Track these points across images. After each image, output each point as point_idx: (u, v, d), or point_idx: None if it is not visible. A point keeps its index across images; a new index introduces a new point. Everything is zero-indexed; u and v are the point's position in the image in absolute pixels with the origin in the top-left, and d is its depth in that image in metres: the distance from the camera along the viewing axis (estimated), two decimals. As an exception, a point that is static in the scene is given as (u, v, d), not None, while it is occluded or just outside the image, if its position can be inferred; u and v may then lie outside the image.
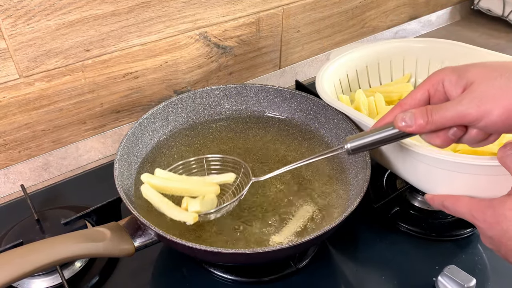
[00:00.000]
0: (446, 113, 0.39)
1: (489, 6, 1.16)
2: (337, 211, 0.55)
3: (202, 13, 0.72)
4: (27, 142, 0.67)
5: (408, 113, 0.41)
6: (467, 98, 0.39)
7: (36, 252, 0.44)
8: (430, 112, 0.40)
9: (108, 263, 0.56)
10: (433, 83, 0.42)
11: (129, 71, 0.70)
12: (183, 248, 0.45)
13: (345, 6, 0.92)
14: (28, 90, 0.62)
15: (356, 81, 0.71)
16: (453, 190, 0.47)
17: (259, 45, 0.83)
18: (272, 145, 0.65)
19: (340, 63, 0.67)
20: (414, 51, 0.71)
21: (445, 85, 0.42)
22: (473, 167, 0.44)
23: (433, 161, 0.47)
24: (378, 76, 0.73)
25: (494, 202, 0.40)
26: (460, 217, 0.45)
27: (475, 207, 0.42)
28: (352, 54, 0.69)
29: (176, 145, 0.64)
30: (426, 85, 0.43)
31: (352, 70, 0.70)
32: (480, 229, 0.42)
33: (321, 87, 0.61)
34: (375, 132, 0.45)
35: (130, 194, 0.55)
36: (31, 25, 0.58)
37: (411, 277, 0.55)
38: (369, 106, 0.64)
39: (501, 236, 0.39)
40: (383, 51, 0.71)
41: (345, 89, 0.70)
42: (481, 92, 0.38)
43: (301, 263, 0.56)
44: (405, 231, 0.61)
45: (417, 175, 0.52)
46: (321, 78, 0.63)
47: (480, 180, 0.46)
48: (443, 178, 0.48)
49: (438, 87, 0.42)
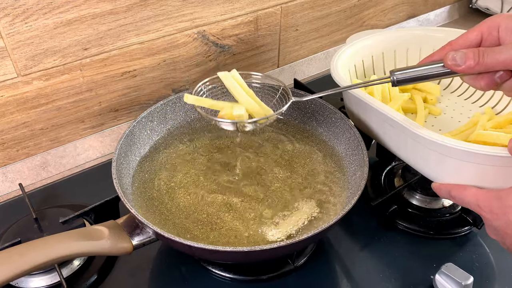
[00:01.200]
0: (499, 56, 0.40)
1: (487, 5, 1.16)
2: (335, 209, 0.55)
3: (200, 12, 0.72)
4: (25, 141, 0.67)
5: (460, 52, 0.42)
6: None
7: (34, 251, 0.44)
8: (482, 53, 0.41)
9: (106, 262, 0.56)
10: (489, 26, 0.43)
11: (127, 70, 0.70)
12: (181, 246, 0.45)
13: (343, 4, 0.92)
14: (26, 88, 0.62)
15: (371, 67, 0.70)
16: (461, 180, 0.47)
17: (257, 44, 0.83)
18: (270, 142, 0.65)
19: (357, 49, 0.67)
20: (432, 40, 0.69)
21: (500, 30, 0.42)
22: (483, 156, 0.44)
23: (443, 149, 0.47)
24: (394, 64, 0.72)
25: (501, 193, 0.40)
26: (466, 207, 0.45)
27: (481, 198, 0.42)
28: (369, 40, 0.68)
29: (174, 143, 0.64)
30: (481, 28, 0.44)
31: (368, 56, 0.69)
32: (485, 219, 0.42)
33: (336, 71, 0.60)
34: (423, 67, 0.45)
35: (128, 193, 0.55)
36: (29, 24, 0.58)
37: (409, 275, 0.56)
38: (383, 92, 0.64)
39: (506, 227, 0.39)
40: (401, 39, 0.70)
41: (360, 75, 0.69)
42: None
43: (299, 261, 0.56)
44: (403, 229, 0.61)
45: (426, 163, 0.52)
46: (336, 62, 0.62)
47: (489, 170, 0.46)
48: (452, 167, 0.48)
49: (492, 31, 0.43)
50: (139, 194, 0.57)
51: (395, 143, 0.55)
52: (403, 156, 0.55)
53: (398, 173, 0.68)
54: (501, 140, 0.51)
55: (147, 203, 0.56)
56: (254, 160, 0.62)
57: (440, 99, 0.68)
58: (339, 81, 0.58)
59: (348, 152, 0.60)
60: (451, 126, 0.63)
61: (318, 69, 0.97)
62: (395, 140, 0.55)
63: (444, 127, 0.63)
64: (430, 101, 0.66)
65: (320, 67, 0.97)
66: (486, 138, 0.52)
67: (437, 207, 0.63)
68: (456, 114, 0.65)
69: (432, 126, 0.63)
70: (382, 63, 0.71)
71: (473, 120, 0.60)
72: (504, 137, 0.51)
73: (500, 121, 0.57)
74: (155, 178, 0.59)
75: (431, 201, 0.63)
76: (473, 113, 0.65)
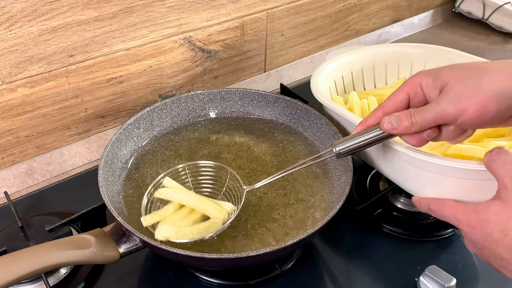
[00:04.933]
0: (428, 115, 0.42)
1: (469, 9, 1.18)
2: (320, 214, 0.56)
3: (186, 18, 0.72)
4: (10, 149, 0.66)
5: (393, 116, 0.44)
6: (444, 99, 0.41)
7: (20, 260, 0.44)
8: (413, 114, 0.43)
9: (93, 269, 0.56)
10: (412, 86, 0.45)
11: (114, 76, 0.70)
12: (168, 254, 0.46)
13: (328, 9, 0.93)
14: (11, 96, 0.62)
15: (351, 83, 0.72)
16: (440, 193, 0.48)
17: (244, 49, 0.84)
18: (257, 149, 0.66)
19: (336, 65, 0.68)
20: (410, 56, 0.71)
21: (423, 87, 0.44)
22: (460, 170, 0.45)
23: (421, 163, 0.48)
24: (373, 79, 0.73)
25: (478, 206, 0.41)
26: (445, 220, 0.46)
27: (460, 211, 0.43)
28: (348, 56, 0.70)
29: (160, 150, 0.65)
30: (405, 88, 0.45)
31: (347, 72, 0.71)
32: (464, 233, 0.43)
33: (316, 87, 0.62)
34: (361, 135, 0.47)
35: (115, 200, 0.55)
36: (13, 31, 0.58)
37: (394, 278, 0.57)
38: (362, 108, 0.65)
39: (484, 240, 0.40)
40: (379, 55, 0.72)
41: (340, 91, 0.70)
42: (455, 92, 0.41)
43: (286, 266, 0.56)
44: (388, 232, 0.62)
45: (406, 177, 0.53)
46: (316, 78, 0.63)
47: (467, 184, 0.47)
48: (430, 180, 0.49)
49: (417, 90, 0.45)
50: (125, 201, 0.57)
51: (376, 158, 0.56)
52: (384, 170, 0.56)
53: (383, 176, 0.69)
54: (477, 153, 0.52)
55: (133, 210, 0.56)
56: (241, 168, 0.63)
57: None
58: (319, 96, 0.60)
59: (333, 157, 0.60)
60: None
61: (304, 74, 0.98)
62: (376, 155, 0.56)
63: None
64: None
65: (306, 71, 0.98)
66: (463, 152, 0.53)
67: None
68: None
69: None
70: (361, 79, 0.73)
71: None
72: (480, 151, 0.52)
73: (477, 135, 0.58)
74: (142, 185, 0.59)
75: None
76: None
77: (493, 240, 0.39)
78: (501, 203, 0.39)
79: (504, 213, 0.39)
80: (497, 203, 0.40)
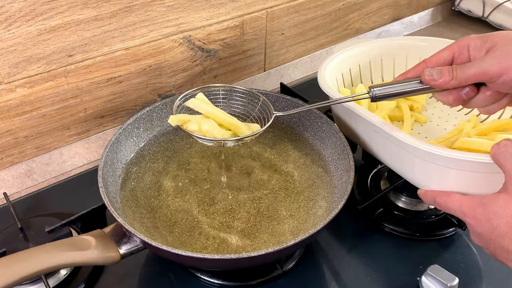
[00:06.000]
0: (470, 70, 0.43)
1: (469, 7, 1.18)
2: (322, 213, 0.55)
3: (186, 17, 0.72)
4: (9, 149, 0.66)
5: (436, 69, 0.46)
6: (490, 56, 0.43)
7: (20, 262, 0.43)
8: (456, 69, 0.44)
9: (94, 270, 0.56)
10: (459, 46, 0.46)
11: (113, 76, 0.69)
12: (169, 254, 0.45)
13: (328, 8, 0.92)
14: (10, 96, 0.61)
15: (358, 76, 0.71)
16: (445, 186, 0.48)
17: (243, 48, 0.83)
18: (257, 148, 0.65)
19: (343, 58, 0.68)
20: (417, 49, 0.71)
21: (470, 49, 0.45)
22: (467, 163, 0.45)
23: (428, 156, 0.48)
24: (380, 72, 0.73)
25: (484, 199, 0.41)
26: (451, 213, 0.46)
27: (465, 204, 0.43)
28: (356, 49, 0.69)
29: (160, 150, 0.64)
30: (452, 47, 0.47)
31: (355, 65, 0.70)
32: (469, 226, 0.43)
33: (323, 79, 0.61)
34: (400, 83, 0.48)
35: (115, 201, 0.55)
36: (12, 31, 0.57)
37: (396, 277, 0.56)
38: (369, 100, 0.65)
39: (490, 233, 0.40)
40: (387, 48, 0.71)
41: (347, 83, 0.70)
42: (502, 52, 0.42)
43: (288, 266, 0.56)
44: (389, 231, 0.62)
45: (412, 170, 0.52)
46: (323, 71, 0.63)
47: (473, 176, 0.46)
48: (437, 173, 0.49)
49: (463, 50, 0.46)
50: (126, 202, 0.56)
51: (381, 150, 0.56)
52: (389, 163, 0.56)
53: (384, 175, 0.68)
54: (485, 146, 0.52)
55: (134, 211, 0.55)
56: (241, 165, 0.62)
57: (426, 107, 0.69)
58: (327, 90, 0.59)
59: (335, 157, 0.60)
60: (437, 133, 0.64)
61: (304, 73, 0.98)
62: (381, 147, 0.55)
63: (430, 135, 0.63)
64: (417, 109, 0.67)
65: (306, 70, 0.98)
66: (470, 145, 0.53)
67: (423, 209, 0.63)
68: (442, 122, 0.66)
69: (418, 134, 0.64)
70: (369, 72, 0.72)
71: (458, 127, 0.61)
72: (488, 143, 0.51)
73: (484, 129, 0.58)
74: (142, 185, 0.59)
75: (416, 203, 0.64)
76: (458, 121, 0.65)
77: (499, 233, 0.39)
78: (508, 196, 0.39)
79: (511, 206, 0.38)
80: (503, 196, 0.39)
